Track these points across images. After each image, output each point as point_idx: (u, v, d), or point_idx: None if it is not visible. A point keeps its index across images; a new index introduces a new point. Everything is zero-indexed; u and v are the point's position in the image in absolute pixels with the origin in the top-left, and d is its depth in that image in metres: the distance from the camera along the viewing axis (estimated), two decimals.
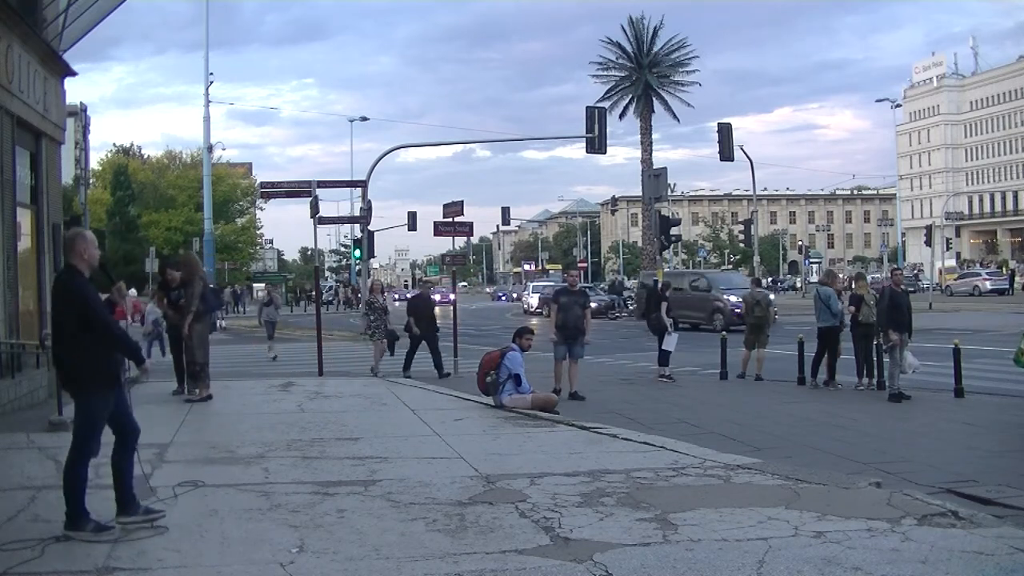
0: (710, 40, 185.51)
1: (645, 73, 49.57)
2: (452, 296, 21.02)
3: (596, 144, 28.05)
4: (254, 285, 73.15)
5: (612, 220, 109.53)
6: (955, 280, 56.32)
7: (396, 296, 66.09)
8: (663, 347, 14.96)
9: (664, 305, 15.16)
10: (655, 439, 8.56)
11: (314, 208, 17.29)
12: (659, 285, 16.91)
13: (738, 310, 24.20)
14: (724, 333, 16.52)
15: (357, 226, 33.00)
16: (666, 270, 33.93)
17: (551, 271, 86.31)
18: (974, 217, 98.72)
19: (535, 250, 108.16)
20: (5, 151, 10.91)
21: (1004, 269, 62.48)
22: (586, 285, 41.85)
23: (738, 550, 4.93)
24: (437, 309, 17.62)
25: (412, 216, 43.75)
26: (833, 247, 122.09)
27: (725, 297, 28.02)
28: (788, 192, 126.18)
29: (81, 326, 5.41)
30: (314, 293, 18.83)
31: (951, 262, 66.76)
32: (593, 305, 39.59)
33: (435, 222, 18.62)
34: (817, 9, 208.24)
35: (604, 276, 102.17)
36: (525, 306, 49.03)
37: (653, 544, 5.07)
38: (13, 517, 5.71)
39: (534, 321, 33.00)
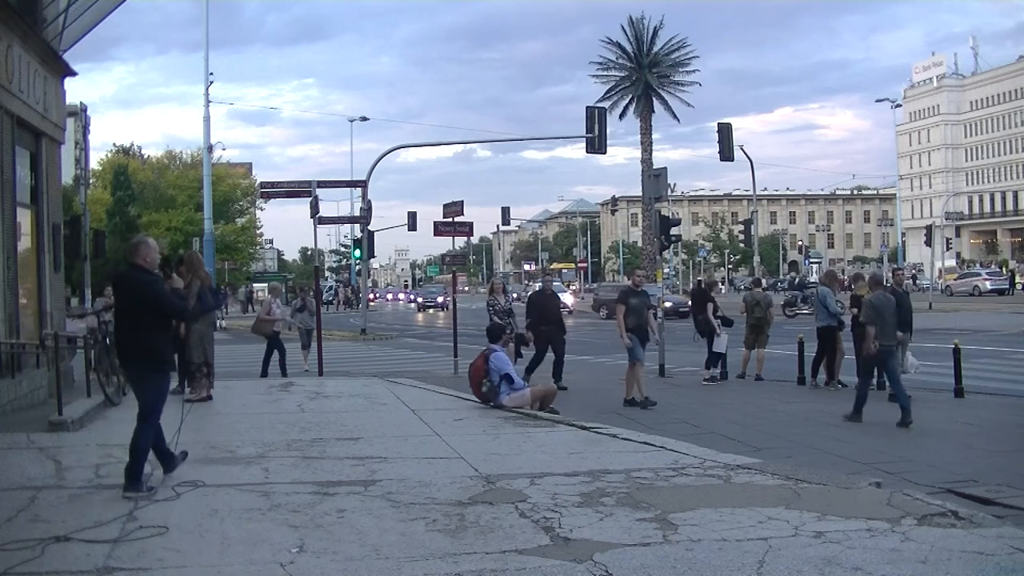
0: (711, 40, 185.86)
1: (645, 73, 49.59)
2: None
3: (596, 144, 28.04)
4: (255, 285, 72.98)
5: (612, 220, 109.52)
6: (955, 280, 56.29)
7: (405, 296, 66.41)
8: (713, 349, 14.94)
9: (711, 306, 15.16)
10: (655, 439, 8.57)
11: (314, 208, 17.26)
12: (704, 285, 16.87)
13: None
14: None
15: (357, 226, 32.98)
16: None
17: (564, 270, 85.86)
18: (974, 217, 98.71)
19: (535, 250, 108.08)
20: (5, 151, 10.90)
21: (1004, 269, 62.42)
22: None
23: (738, 550, 4.93)
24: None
25: (412, 216, 43.72)
26: (833, 247, 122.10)
27: None
28: (788, 192, 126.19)
29: (156, 314, 6.50)
30: (314, 293, 18.72)
31: (951, 262, 66.72)
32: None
33: (435, 222, 18.59)
34: (818, 9, 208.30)
35: (604, 276, 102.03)
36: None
37: (653, 544, 5.07)
38: (13, 517, 5.71)
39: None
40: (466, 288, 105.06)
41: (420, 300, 63.70)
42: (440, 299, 59.63)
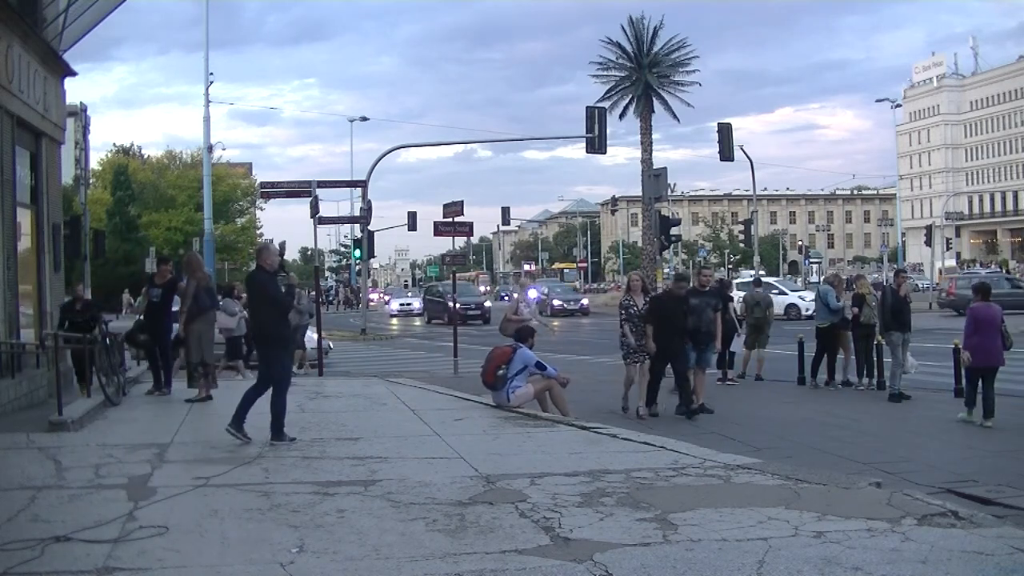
0: (711, 40, 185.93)
1: (645, 73, 49.55)
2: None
3: (596, 144, 28.06)
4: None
5: (612, 220, 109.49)
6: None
7: (388, 298, 60.31)
8: (731, 348, 14.66)
9: (731, 305, 15.01)
10: (655, 439, 8.56)
11: (314, 208, 17.29)
12: (721, 283, 16.70)
13: None
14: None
15: (357, 226, 32.97)
16: None
17: (566, 269, 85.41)
18: (974, 217, 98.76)
19: (535, 250, 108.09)
20: (5, 151, 10.91)
21: (1005, 269, 62.38)
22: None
23: (738, 550, 4.93)
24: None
25: (412, 216, 43.72)
26: (833, 247, 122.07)
27: None
28: (788, 192, 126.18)
29: (272, 306, 8.48)
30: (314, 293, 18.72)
31: (951, 262, 66.67)
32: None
33: (435, 222, 18.60)
34: (818, 9, 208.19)
35: (604, 276, 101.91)
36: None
37: (653, 544, 5.07)
38: (13, 517, 5.70)
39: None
40: (484, 289, 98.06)
41: (399, 305, 49.95)
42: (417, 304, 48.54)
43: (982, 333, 10.48)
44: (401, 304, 50.16)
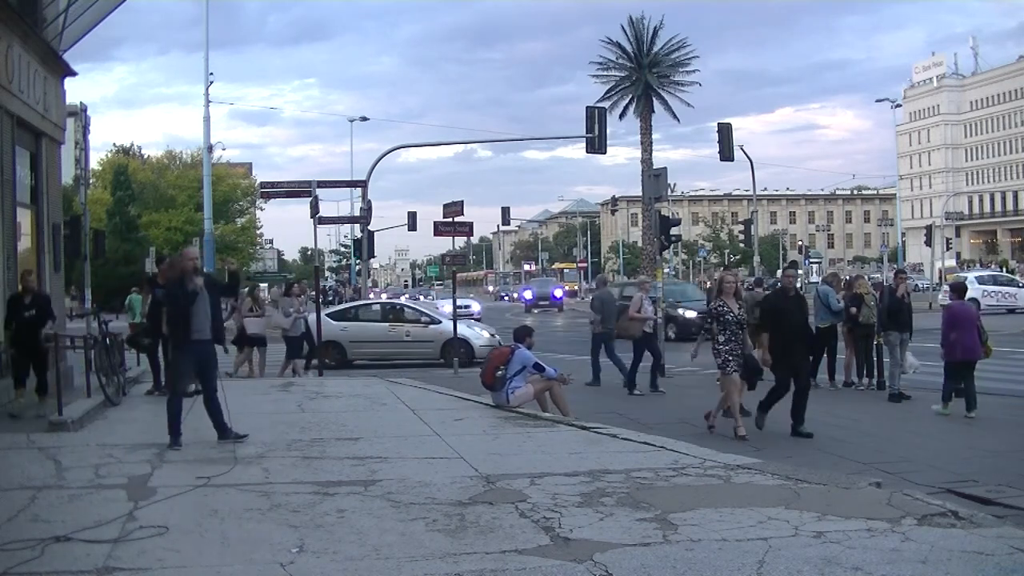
0: (711, 40, 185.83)
1: (645, 73, 49.55)
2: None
3: (596, 144, 28.01)
4: (261, 285, 72.71)
5: (612, 220, 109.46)
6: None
7: (385, 296, 58.46)
8: None
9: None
10: (655, 439, 8.56)
11: (314, 208, 17.27)
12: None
13: None
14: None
15: (357, 226, 32.94)
16: None
17: (566, 269, 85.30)
18: (974, 217, 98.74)
19: (535, 250, 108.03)
20: (5, 151, 10.91)
21: (1004, 269, 62.36)
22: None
23: (738, 550, 4.94)
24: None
25: (412, 216, 43.62)
26: (833, 247, 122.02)
27: None
28: (788, 192, 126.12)
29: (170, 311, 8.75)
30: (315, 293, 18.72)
31: (951, 262, 66.63)
32: None
33: (435, 222, 18.57)
34: (818, 9, 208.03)
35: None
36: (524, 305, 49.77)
37: (653, 544, 5.07)
38: (13, 517, 5.71)
39: (529, 320, 33.00)
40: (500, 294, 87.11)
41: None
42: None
43: (960, 329, 10.99)
44: None
